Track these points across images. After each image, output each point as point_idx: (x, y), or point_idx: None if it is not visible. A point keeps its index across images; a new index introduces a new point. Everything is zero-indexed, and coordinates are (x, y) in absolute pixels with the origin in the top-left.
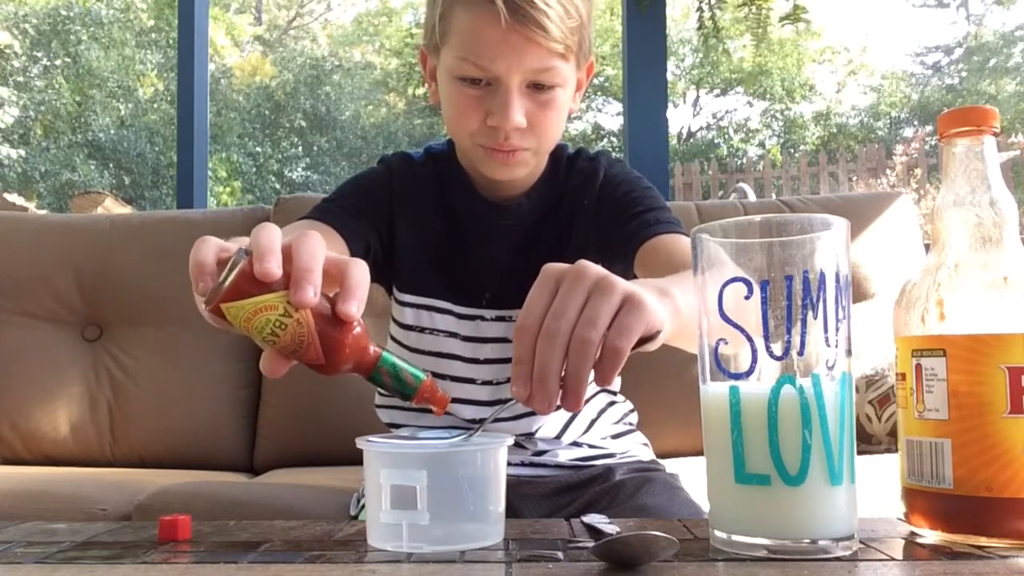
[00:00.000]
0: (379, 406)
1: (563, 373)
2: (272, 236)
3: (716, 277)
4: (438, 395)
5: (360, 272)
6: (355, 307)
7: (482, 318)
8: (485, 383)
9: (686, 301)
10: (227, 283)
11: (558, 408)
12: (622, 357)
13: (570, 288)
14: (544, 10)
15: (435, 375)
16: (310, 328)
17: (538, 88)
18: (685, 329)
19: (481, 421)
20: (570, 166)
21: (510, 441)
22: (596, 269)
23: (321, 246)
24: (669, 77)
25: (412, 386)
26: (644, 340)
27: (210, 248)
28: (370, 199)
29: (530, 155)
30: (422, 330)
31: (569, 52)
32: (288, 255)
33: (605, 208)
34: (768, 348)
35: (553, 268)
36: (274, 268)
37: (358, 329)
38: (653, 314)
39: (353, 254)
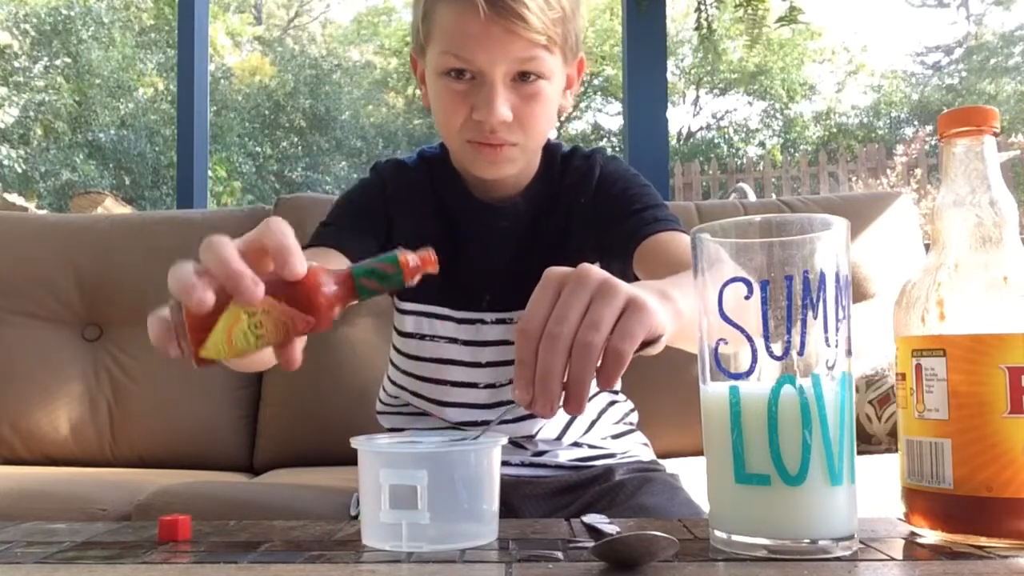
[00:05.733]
0: (380, 412)
1: (565, 377)
2: (182, 271)
3: (716, 277)
4: (419, 256)
5: (275, 230)
6: (294, 263)
7: (483, 321)
8: (487, 386)
9: (687, 303)
10: (185, 338)
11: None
12: (624, 361)
13: (572, 292)
14: (524, 1)
15: (436, 381)
16: (281, 309)
17: (524, 79)
18: (686, 331)
19: (487, 423)
20: (565, 165)
21: (503, 440)
22: (599, 273)
23: (229, 244)
24: (669, 77)
25: (394, 272)
26: (646, 344)
27: (157, 321)
28: (367, 212)
29: (518, 151)
30: (422, 337)
31: (552, 44)
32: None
33: (603, 206)
34: (768, 348)
35: (555, 272)
36: (202, 296)
37: (319, 276)
38: (655, 318)
39: None
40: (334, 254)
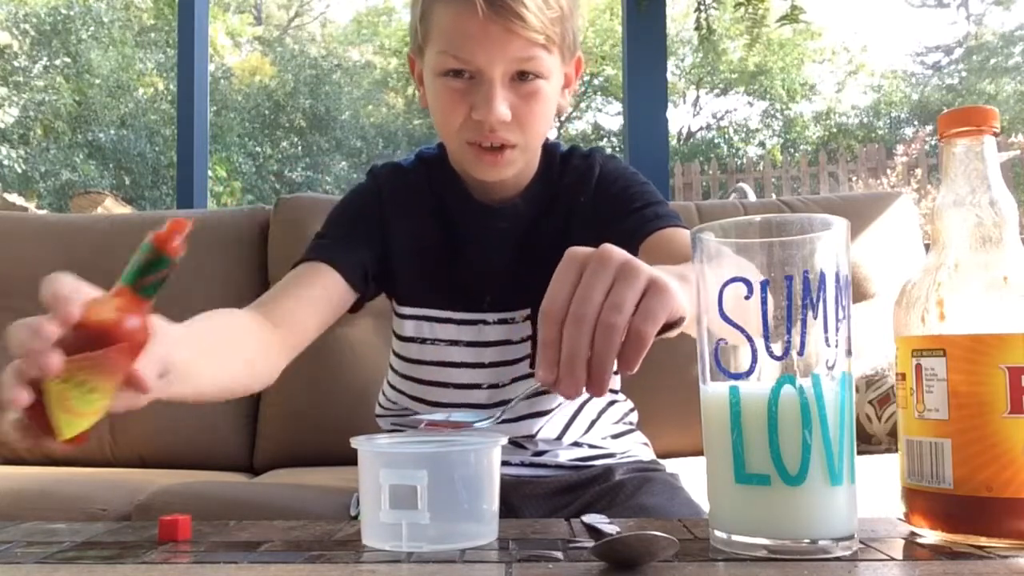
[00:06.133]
0: (379, 416)
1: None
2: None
3: (716, 276)
4: (167, 227)
5: (47, 286)
6: (66, 311)
7: (484, 322)
8: (490, 387)
9: None
10: (27, 434)
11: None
12: (647, 343)
13: (595, 272)
14: (522, 0)
15: (438, 384)
16: (93, 356)
17: (522, 78)
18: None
19: (506, 403)
20: (564, 164)
21: (503, 440)
22: (620, 253)
23: (21, 327)
24: (669, 77)
25: (156, 256)
26: (667, 327)
27: (15, 430)
28: (361, 221)
29: (518, 152)
30: (423, 341)
31: (551, 43)
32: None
33: (602, 205)
34: (768, 348)
35: (578, 252)
36: (14, 396)
37: (100, 307)
38: (676, 300)
39: (352, 285)
40: (325, 269)
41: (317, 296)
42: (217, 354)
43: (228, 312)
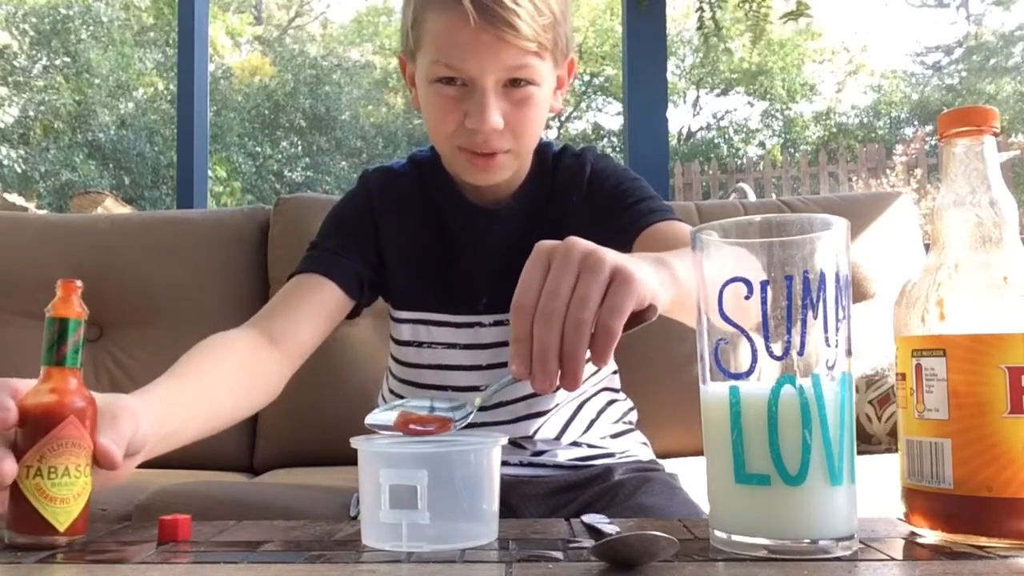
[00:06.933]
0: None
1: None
2: None
3: (716, 276)
4: (60, 292)
5: None
6: (6, 416)
7: (480, 324)
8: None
9: (686, 271)
10: (45, 532)
11: (557, 389)
12: (615, 337)
13: (561, 267)
14: (513, 9)
15: (437, 387)
16: (49, 440)
17: (514, 85)
18: (687, 299)
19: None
20: (556, 164)
21: (504, 440)
22: (584, 245)
23: None
24: (669, 77)
25: (61, 325)
26: (639, 314)
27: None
28: (353, 229)
29: (511, 157)
30: (420, 344)
31: (543, 50)
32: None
33: (595, 203)
34: (768, 348)
35: (545, 246)
36: None
37: (37, 396)
38: (643, 287)
39: (349, 294)
40: (321, 281)
41: (314, 310)
42: (203, 401)
43: (221, 343)
